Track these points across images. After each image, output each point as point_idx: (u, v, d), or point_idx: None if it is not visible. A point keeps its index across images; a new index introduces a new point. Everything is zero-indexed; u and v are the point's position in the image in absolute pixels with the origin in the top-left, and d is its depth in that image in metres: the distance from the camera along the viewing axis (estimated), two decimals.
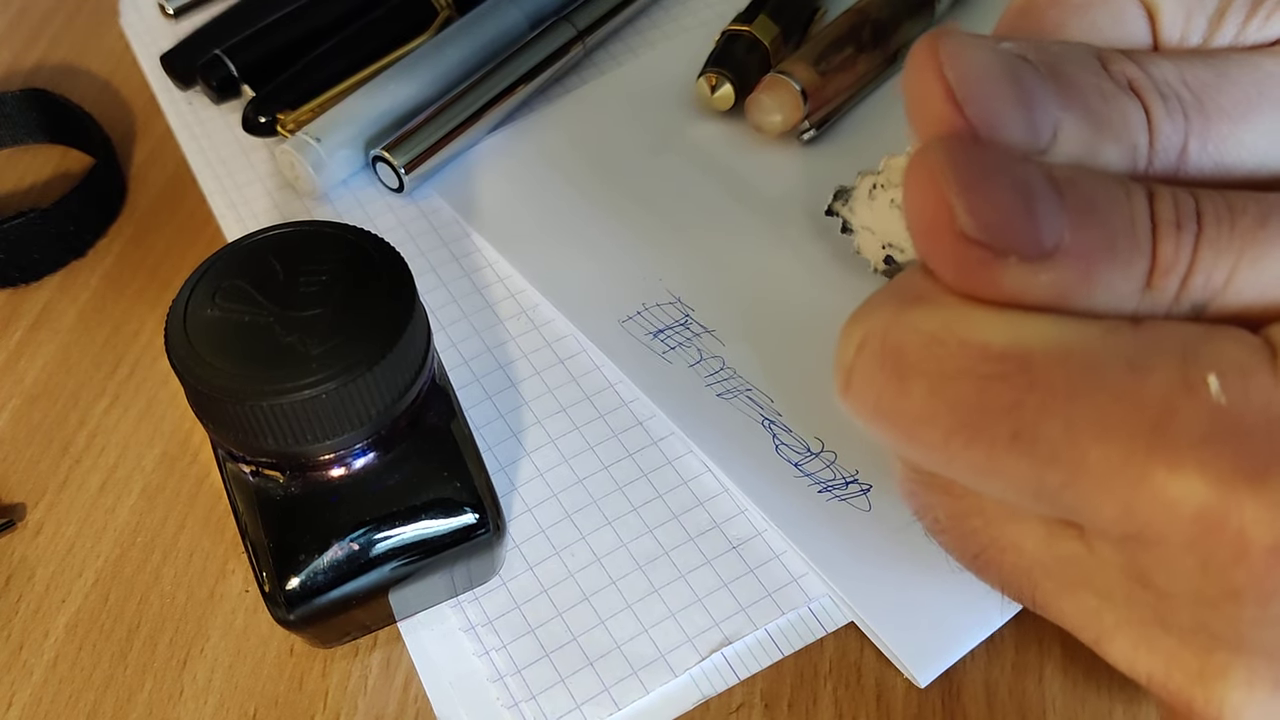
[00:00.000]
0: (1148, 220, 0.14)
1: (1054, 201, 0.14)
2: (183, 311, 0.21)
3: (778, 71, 0.34)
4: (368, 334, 0.20)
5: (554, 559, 0.26)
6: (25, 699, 0.25)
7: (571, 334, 0.30)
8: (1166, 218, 0.14)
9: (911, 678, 0.24)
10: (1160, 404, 0.14)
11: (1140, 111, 0.15)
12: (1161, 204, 0.15)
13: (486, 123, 0.35)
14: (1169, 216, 0.14)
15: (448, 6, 0.38)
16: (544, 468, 0.28)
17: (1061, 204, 0.14)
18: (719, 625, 0.25)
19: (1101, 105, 0.15)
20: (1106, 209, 0.14)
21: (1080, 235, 0.14)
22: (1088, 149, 0.15)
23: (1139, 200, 0.15)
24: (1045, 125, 0.15)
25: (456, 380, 0.30)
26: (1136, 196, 0.15)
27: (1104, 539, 0.15)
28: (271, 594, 0.22)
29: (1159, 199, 0.15)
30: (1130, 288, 0.15)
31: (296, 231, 0.22)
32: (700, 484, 0.27)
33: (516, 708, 0.24)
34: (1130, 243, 0.14)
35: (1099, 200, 0.15)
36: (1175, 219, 0.14)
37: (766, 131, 0.34)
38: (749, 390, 0.29)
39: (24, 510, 0.28)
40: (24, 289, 0.34)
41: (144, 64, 0.40)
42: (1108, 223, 0.14)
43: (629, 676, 0.24)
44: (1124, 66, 0.16)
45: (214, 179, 0.36)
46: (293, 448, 0.21)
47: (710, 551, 0.26)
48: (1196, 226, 0.14)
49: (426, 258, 0.33)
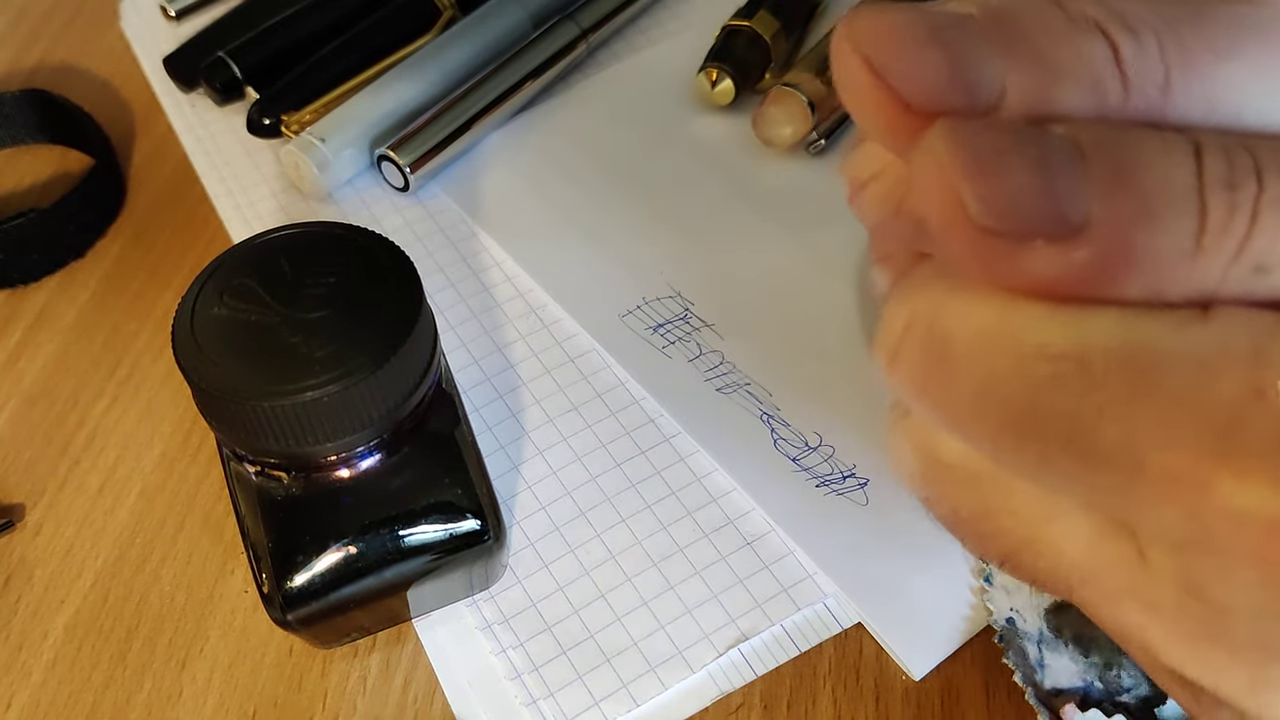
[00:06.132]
0: (1192, 180, 0.13)
1: (1077, 171, 0.13)
2: (190, 309, 0.21)
3: (784, 84, 0.33)
4: (373, 337, 0.20)
5: (568, 556, 0.25)
6: (24, 700, 0.24)
7: (580, 332, 0.30)
8: (1215, 174, 0.13)
9: (907, 670, 0.24)
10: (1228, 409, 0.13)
11: (1105, 46, 0.14)
12: (1210, 158, 0.13)
13: (491, 121, 0.35)
14: (1219, 173, 0.13)
15: (451, 6, 0.38)
16: (556, 465, 0.27)
17: (1086, 172, 0.13)
18: (735, 621, 0.24)
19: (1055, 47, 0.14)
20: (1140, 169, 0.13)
21: (1111, 204, 0.13)
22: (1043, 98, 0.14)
23: (1179, 156, 0.13)
24: (988, 82, 0.14)
25: (466, 380, 0.29)
26: (1176, 152, 0.13)
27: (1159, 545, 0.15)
28: (270, 595, 0.22)
29: (1207, 153, 0.13)
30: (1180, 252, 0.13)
31: (306, 232, 0.22)
32: (712, 480, 0.27)
33: (534, 705, 0.23)
34: (1171, 204, 0.13)
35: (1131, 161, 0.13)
36: (1228, 177, 0.13)
37: (776, 145, 0.34)
38: (748, 385, 0.28)
39: (23, 511, 0.28)
40: (23, 289, 0.33)
41: (145, 65, 0.40)
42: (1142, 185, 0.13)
43: (647, 673, 0.23)
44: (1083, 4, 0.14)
45: (219, 181, 0.36)
46: (296, 449, 0.20)
47: (724, 548, 0.25)
48: (1256, 184, 0.13)
49: (434, 258, 0.32)
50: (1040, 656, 0.23)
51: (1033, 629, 0.23)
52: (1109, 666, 0.23)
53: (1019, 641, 0.23)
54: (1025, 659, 0.23)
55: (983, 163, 0.13)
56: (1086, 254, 0.13)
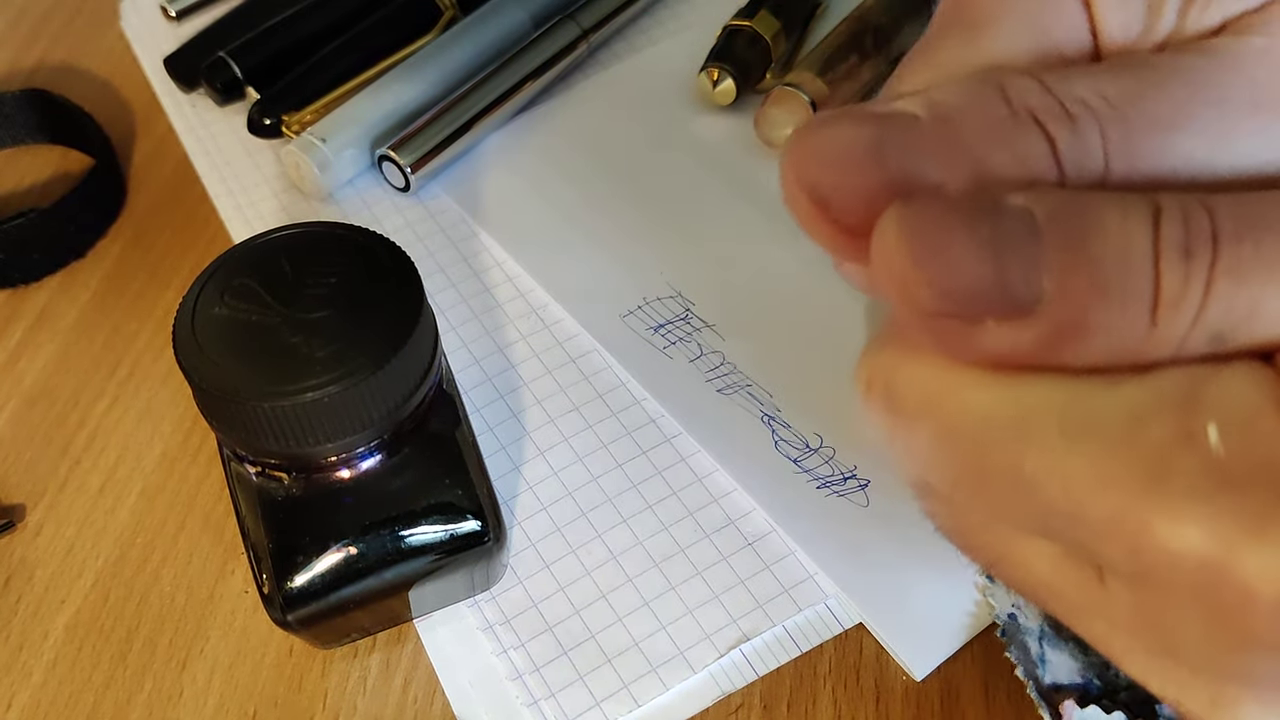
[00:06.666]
0: (1148, 249, 0.13)
1: (1029, 249, 0.13)
2: (191, 309, 0.21)
3: (785, 84, 0.33)
4: (374, 338, 0.20)
5: (570, 557, 0.25)
6: (25, 700, 0.24)
7: (581, 332, 0.30)
8: (1172, 243, 0.13)
9: (909, 671, 0.24)
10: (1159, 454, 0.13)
11: (1039, 139, 0.14)
12: (1167, 225, 0.13)
13: (492, 121, 0.35)
14: (1176, 240, 0.13)
15: (452, 6, 0.38)
16: (558, 466, 0.27)
17: (1039, 249, 0.13)
18: (736, 622, 0.24)
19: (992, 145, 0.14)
20: (1097, 243, 0.13)
21: (1066, 281, 0.13)
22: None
23: (1137, 226, 0.13)
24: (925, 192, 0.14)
25: (467, 380, 0.29)
26: (1134, 221, 0.13)
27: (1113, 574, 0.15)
28: (270, 595, 0.22)
29: (1165, 219, 0.13)
30: (1134, 326, 0.13)
31: (308, 232, 0.22)
32: (714, 481, 0.27)
33: (536, 705, 0.23)
34: (1125, 279, 0.13)
35: (1087, 230, 0.13)
36: (1184, 243, 0.13)
37: (777, 145, 0.34)
38: (749, 386, 0.28)
39: (24, 511, 0.28)
40: (24, 289, 0.33)
41: (145, 65, 0.40)
42: (1098, 260, 0.13)
43: (648, 674, 0.23)
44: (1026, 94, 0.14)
45: (219, 182, 0.36)
46: (296, 449, 0.20)
47: (726, 548, 0.25)
48: (1211, 252, 0.13)
49: (435, 258, 0.32)
50: (1041, 652, 0.23)
51: (1034, 625, 0.23)
52: (1108, 664, 0.23)
53: (1021, 637, 0.23)
54: (1027, 654, 0.23)
55: (930, 250, 0.13)
56: (1036, 333, 0.13)
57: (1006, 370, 0.14)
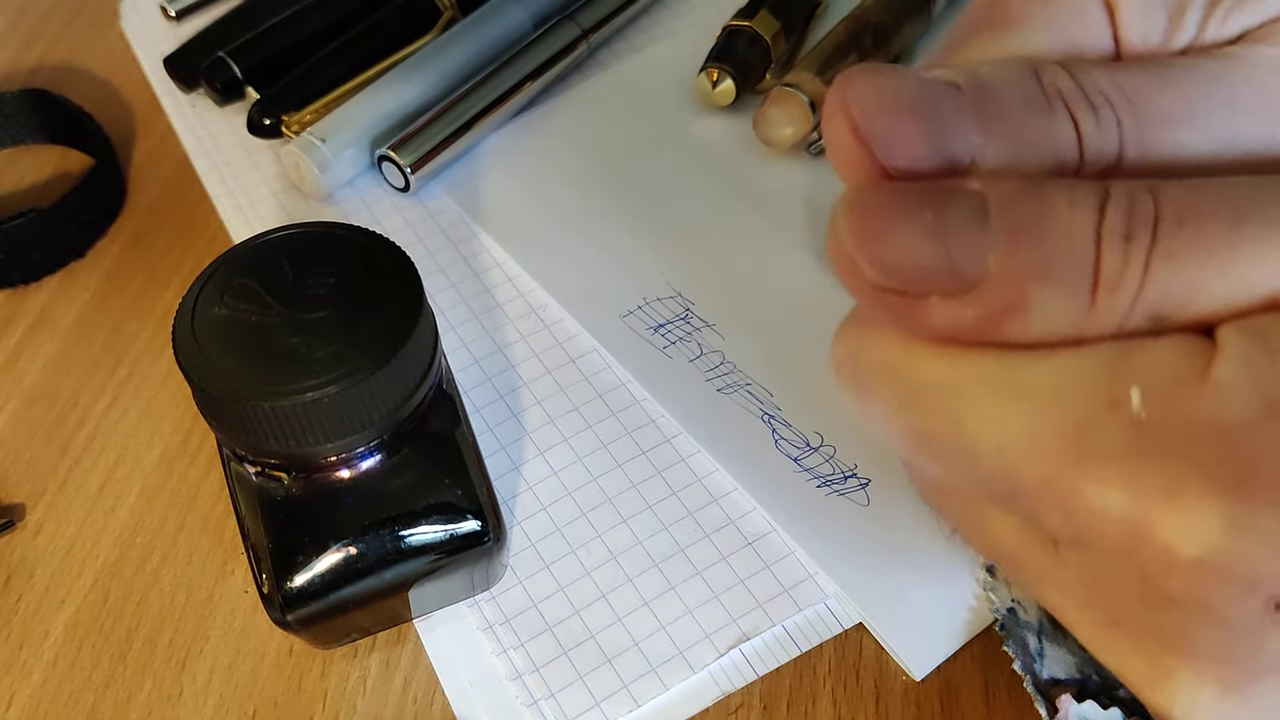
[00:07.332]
0: (1090, 234, 0.14)
1: (974, 231, 0.14)
2: (191, 309, 0.21)
3: (784, 84, 0.33)
4: (374, 338, 0.20)
5: (569, 557, 0.25)
6: (24, 699, 0.24)
7: (581, 332, 0.30)
8: (1114, 228, 0.14)
9: (909, 671, 0.24)
10: (1085, 418, 0.14)
11: (1068, 124, 0.15)
12: (1112, 211, 0.14)
13: (492, 121, 0.35)
14: (1117, 227, 0.14)
15: (451, 6, 0.38)
16: (557, 466, 0.27)
17: (985, 230, 0.14)
18: (736, 622, 0.24)
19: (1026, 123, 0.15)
20: (1041, 226, 0.14)
21: (1010, 261, 0.14)
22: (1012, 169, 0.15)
23: (1082, 212, 0.14)
24: (959, 151, 0.15)
25: (467, 380, 0.29)
26: (1080, 208, 0.14)
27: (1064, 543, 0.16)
28: (270, 595, 0.22)
29: (1111, 205, 0.14)
30: (1073, 306, 0.14)
31: (308, 232, 0.22)
32: (713, 480, 0.27)
33: (535, 706, 0.23)
34: (1065, 261, 0.14)
35: (1034, 217, 0.14)
36: (1125, 229, 0.14)
37: (776, 145, 0.34)
38: (749, 385, 0.28)
39: (24, 510, 0.28)
40: (24, 289, 0.33)
41: (145, 65, 0.40)
42: (1041, 242, 0.14)
43: (648, 674, 0.23)
44: (1055, 79, 0.15)
45: (219, 182, 0.36)
46: (296, 449, 0.20)
47: (726, 548, 0.25)
48: (1150, 236, 0.14)
49: (434, 258, 0.32)
50: (1040, 647, 0.23)
51: (1033, 620, 0.23)
52: None
53: (1019, 631, 0.23)
54: (1025, 649, 0.23)
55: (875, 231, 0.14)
56: (977, 310, 0.14)
57: (953, 344, 0.15)
